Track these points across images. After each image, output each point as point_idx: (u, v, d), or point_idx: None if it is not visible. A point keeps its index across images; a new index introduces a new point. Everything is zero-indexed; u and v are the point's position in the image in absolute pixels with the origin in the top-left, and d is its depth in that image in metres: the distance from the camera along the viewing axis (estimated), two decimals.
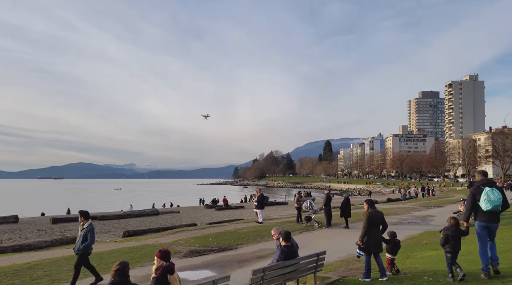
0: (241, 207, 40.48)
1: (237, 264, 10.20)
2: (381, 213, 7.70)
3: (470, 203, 6.86)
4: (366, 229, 7.34)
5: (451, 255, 6.85)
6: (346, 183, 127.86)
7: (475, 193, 6.78)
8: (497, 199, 6.56)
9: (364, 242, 7.35)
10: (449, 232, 6.90)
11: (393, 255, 7.72)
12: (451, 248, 6.84)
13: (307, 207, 18.26)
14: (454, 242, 6.83)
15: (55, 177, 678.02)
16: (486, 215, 6.70)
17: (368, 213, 7.47)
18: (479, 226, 6.85)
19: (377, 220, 7.48)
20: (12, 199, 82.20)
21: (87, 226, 8.30)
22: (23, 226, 24.60)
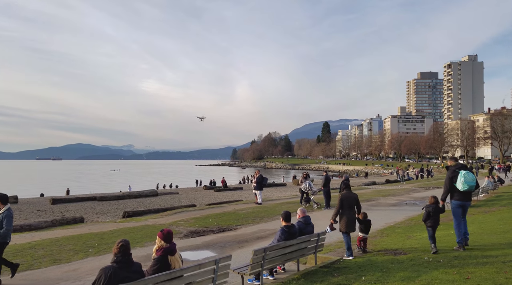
0: (240, 188, 40.65)
1: (237, 244, 10.26)
2: (355, 195, 8.16)
3: (447, 185, 7.77)
4: (338, 209, 7.97)
5: (432, 229, 7.59)
6: (345, 165, 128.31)
7: (452, 176, 7.69)
8: (472, 180, 7.55)
9: (339, 222, 7.96)
10: (430, 209, 7.66)
11: (365, 234, 8.25)
12: (432, 223, 7.60)
13: (306, 188, 18.25)
14: (435, 218, 7.63)
15: (54, 158, 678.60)
16: (462, 194, 7.71)
17: (341, 194, 8.09)
18: (455, 204, 7.83)
19: (351, 201, 8.01)
20: (11, 180, 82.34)
21: (3, 211, 7.18)
22: (23, 206, 24.67)
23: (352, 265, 7.12)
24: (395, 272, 6.38)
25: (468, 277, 5.75)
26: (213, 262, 5.14)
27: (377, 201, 20.58)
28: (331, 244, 9.34)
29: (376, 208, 17.35)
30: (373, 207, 17.67)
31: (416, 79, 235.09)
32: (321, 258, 7.74)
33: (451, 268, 6.33)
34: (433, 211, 7.64)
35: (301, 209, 7.76)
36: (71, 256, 9.06)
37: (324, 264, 7.30)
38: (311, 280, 6.33)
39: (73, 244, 10.35)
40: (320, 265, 7.24)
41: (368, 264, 7.10)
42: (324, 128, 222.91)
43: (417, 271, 6.35)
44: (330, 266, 7.14)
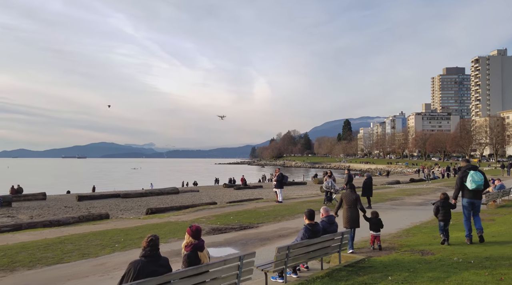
0: (260, 186, 40.73)
1: (259, 242, 10.27)
2: (356, 195, 8.67)
3: (458, 184, 8.45)
4: (337, 207, 8.92)
5: (443, 223, 8.38)
6: (367, 163, 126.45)
7: (462, 176, 8.36)
8: (480, 179, 8.14)
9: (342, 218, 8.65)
10: (439, 203, 8.46)
11: (375, 232, 8.45)
12: (442, 217, 8.38)
13: (328, 186, 18.07)
14: (444, 212, 8.37)
15: (78, 156, 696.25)
16: (471, 193, 8.32)
17: (342, 194, 8.96)
18: (466, 202, 8.44)
19: (350, 200, 8.58)
20: (39, 177, 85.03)
21: None
22: (51, 203, 25.48)
23: (377, 265, 7.02)
24: (423, 273, 6.25)
25: (501, 279, 5.58)
26: (238, 258, 5.17)
27: (402, 200, 20.21)
28: (355, 243, 9.23)
29: (400, 208, 17.04)
30: (398, 207, 17.36)
31: (442, 75, 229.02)
32: (345, 257, 7.67)
33: (483, 269, 6.16)
34: (442, 206, 8.36)
35: (324, 208, 7.71)
36: (98, 251, 9.29)
37: (348, 263, 7.22)
38: (336, 278, 6.28)
39: (100, 239, 10.61)
40: (345, 264, 7.17)
41: (395, 264, 6.98)
42: (345, 126, 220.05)
43: (446, 271, 6.20)
44: (354, 265, 7.06)
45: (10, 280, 7.06)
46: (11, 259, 8.41)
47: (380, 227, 8.48)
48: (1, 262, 8.16)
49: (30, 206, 23.33)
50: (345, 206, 8.61)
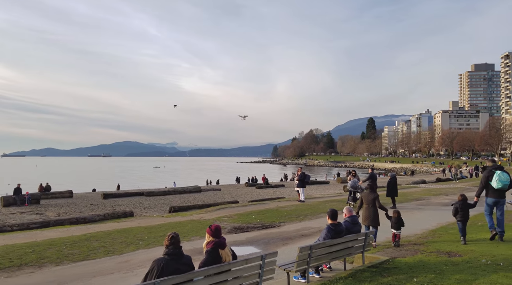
0: (282, 185, 40.61)
1: (281, 241, 10.22)
2: (375, 195, 9.00)
3: (483, 183, 8.66)
4: (358, 206, 9.36)
5: (462, 223, 8.63)
6: (391, 162, 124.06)
7: (488, 175, 8.54)
8: (506, 179, 8.34)
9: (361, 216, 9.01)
10: (458, 205, 8.71)
11: (396, 230, 8.72)
12: (461, 218, 8.63)
13: (354, 186, 17.59)
14: (463, 213, 8.63)
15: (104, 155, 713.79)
16: (496, 192, 8.54)
17: (362, 194, 9.51)
18: (490, 201, 8.68)
19: (369, 199, 8.94)
20: (66, 175, 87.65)
21: None
22: (77, 200, 26.21)
23: (402, 266, 6.86)
24: (449, 275, 6.07)
25: None
26: (260, 257, 5.15)
27: (428, 200, 19.71)
28: (379, 244, 9.05)
29: (426, 208, 16.62)
30: (423, 207, 16.95)
31: (470, 72, 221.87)
32: (369, 257, 7.53)
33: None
34: (461, 207, 8.63)
35: (347, 208, 7.60)
36: (123, 248, 9.47)
37: (372, 264, 7.09)
38: (359, 279, 6.17)
39: (125, 237, 10.82)
40: (368, 265, 7.04)
41: (420, 265, 6.81)
42: (369, 124, 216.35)
43: (474, 274, 6.00)
44: (378, 266, 6.92)
45: (38, 276, 7.28)
46: (39, 255, 8.68)
47: (401, 225, 8.72)
48: (30, 258, 8.44)
49: (58, 204, 24.07)
50: (365, 205, 9.02)
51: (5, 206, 22.77)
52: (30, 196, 24.45)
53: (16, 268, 7.69)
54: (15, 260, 8.21)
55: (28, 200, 23.90)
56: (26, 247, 9.44)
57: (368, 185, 9.39)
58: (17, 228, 13.19)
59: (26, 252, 8.95)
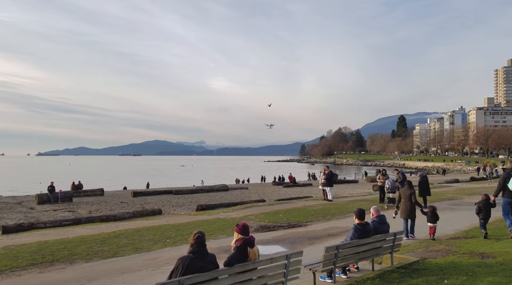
0: (309, 184, 40.27)
1: (307, 241, 10.10)
2: (411, 190, 9.90)
3: (500, 184, 9.17)
4: (397, 201, 10.37)
5: (483, 221, 9.26)
6: (426, 161, 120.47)
7: (505, 177, 9.07)
8: None
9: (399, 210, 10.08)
10: (481, 204, 9.31)
11: (432, 223, 9.47)
12: (483, 216, 9.26)
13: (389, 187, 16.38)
14: (485, 211, 9.24)
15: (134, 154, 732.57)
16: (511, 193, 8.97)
17: (399, 190, 10.39)
18: (505, 201, 9.07)
19: (406, 194, 9.87)
20: (98, 174, 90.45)
21: None
22: (108, 198, 26.96)
23: (433, 267, 6.61)
24: (482, 277, 5.80)
25: None
26: (285, 257, 5.10)
27: (461, 200, 19.00)
28: (409, 244, 8.78)
29: (459, 208, 16.00)
30: (456, 206, 16.33)
31: (506, 67, 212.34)
32: (398, 258, 7.30)
33: None
34: (484, 206, 9.23)
35: (375, 207, 7.39)
36: (151, 246, 9.62)
37: (401, 265, 6.86)
38: (387, 280, 5.99)
39: (153, 235, 11.00)
40: (397, 266, 6.83)
41: (451, 267, 6.54)
42: (400, 122, 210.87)
43: (508, 276, 5.71)
44: (408, 267, 6.70)
45: (69, 272, 7.50)
46: (70, 251, 8.96)
47: (436, 219, 9.47)
48: (62, 254, 8.71)
49: (89, 201, 24.84)
50: (403, 199, 9.96)
51: (40, 204, 23.69)
52: (63, 194, 25.33)
53: (48, 264, 7.96)
54: (47, 256, 8.50)
55: (61, 198, 24.77)
56: (58, 244, 9.76)
57: (406, 182, 10.71)
58: (50, 225, 13.69)
59: (58, 248, 9.25)
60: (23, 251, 8.97)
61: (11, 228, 12.84)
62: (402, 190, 10.17)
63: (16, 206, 22.59)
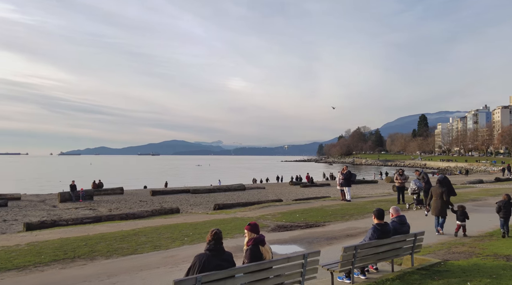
0: (327, 184, 39.92)
1: (325, 241, 10.00)
2: (442, 189, 10.40)
3: None
4: (428, 199, 10.88)
5: (503, 220, 9.53)
6: (449, 161, 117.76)
7: None
8: None
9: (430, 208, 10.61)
10: (501, 203, 9.65)
11: (461, 222, 9.87)
12: (503, 215, 9.55)
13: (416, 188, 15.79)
14: (505, 211, 9.54)
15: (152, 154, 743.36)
16: None
17: (431, 188, 10.96)
18: None
19: (437, 192, 10.41)
20: (117, 173, 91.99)
21: None
22: (128, 197, 27.39)
23: (455, 269, 6.43)
24: (507, 279, 5.63)
25: None
26: (302, 256, 5.06)
27: (485, 201, 18.48)
28: (430, 245, 8.58)
29: (483, 209, 15.55)
30: (480, 207, 15.88)
31: None
32: (419, 259, 7.14)
33: None
34: (503, 205, 9.56)
35: (394, 207, 7.24)
36: (169, 244, 9.71)
37: (422, 266, 6.71)
38: (407, 282, 5.87)
39: (171, 233, 11.10)
40: (418, 267, 6.68)
41: (475, 269, 6.36)
42: (421, 121, 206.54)
43: None
44: (429, 269, 6.54)
45: (90, 268, 7.64)
46: (91, 248, 9.13)
47: (465, 217, 9.83)
48: (83, 251, 8.89)
49: (109, 200, 25.27)
50: (434, 197, 10.44)
51: (62, 202, 24.25)
52: (84, 192, 25.85)
53: (70, 260, 8.13)
54: (69, 253, 8.68)
55: (82, 196, 25.29)
56: (79, 241, 9.96)
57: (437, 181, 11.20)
58: (72, 223, 13.99)
59: (79, 245, 9.45)
60: (46, 248, 9.19)
61: (34, 225, 13.20)
62: (433, 188, 10.64)
63: (40, 204, 23.20)
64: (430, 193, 10.74)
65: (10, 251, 8.89)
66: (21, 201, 24.61)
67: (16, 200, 24.74)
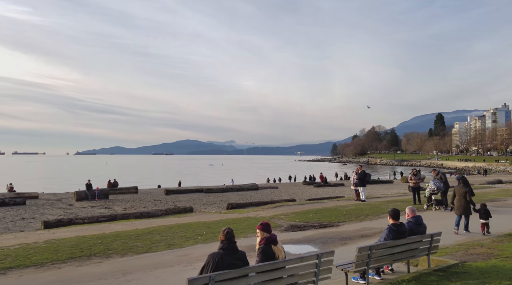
0: (341, 184, 39.62)
1: (339, 241, 9.91)
2: (466, 188, 10.44)
3: None
4: (452, 197, 10.85)
5: None
6: (464, 161, 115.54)
7: None
8: None
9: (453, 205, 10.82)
10: None
11: (484, 220, 10.02)
12: None
13: (435, 188, 15.46)
14: None
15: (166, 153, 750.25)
16: None
17: (455, 187, 10.87)
18: None
19: (461, 192, 10.48)
20: (132, 172, 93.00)
21: None
22: (142, 196, 27.68)
23: (473, 271, 6.29)
24: None
25: None
26: (315, 256, 5.02)
27: (504, 201, 18.09)
28: (447, 247, 8.42)
29: (502, 210, 15.20)
30: (499, 208, 15.52)
31: None
32: (435, 260, 7.01)
33: None
34: None
35: (410, 207, 7.11)
36: (182, 242, 9.77)
37: (439, 268, 6.58)
38: (424, 283, 5.77)
39: (184, 231, 11.16)
40: (434, 268, 6.56)
41: (494, 271, 6.21)
42: (437, 120, 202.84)
43: None
44: (446, 270, 6.41)
45: (105, 266, 7.73)
46: (107, 246, 9.24)
47: (488, 215, 10.00)
48: (99, 249, 9.00)
49: (124, 199, 25.58)
50: (457, 197, 10.57)
51: (78, 201, 24.65)
52: (100, 191, 26.24)
53: (86, 258, 8.24)
54: (85, 250, 8.81)
55: (98, 195, 25.67)
56: (95, 239, 10.10)
57: (461, 180, 11.02)
58: (88, 221, 14.20)
59: (95, 243, 9.57)
60: (63, 245, 9.34)
61: (51, 223, 13.44)
62: (457, 187, 10.69)
63: (57, 203, 23.64)
64: (454, 193, 10.77)
65: (29, 249, 9.06)
66: (39, 199, 25.12)
67: (34, 198, 25.27)
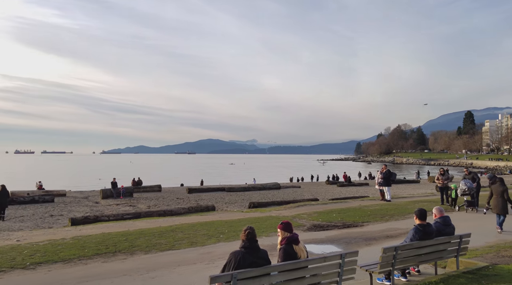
0: (365, 184, 39.00)
1: (363, 241, 9.73)
2: (504, 187, 10.49)
3: None
4: (489, 197, 10.89)
5: None
6: (495, 160, 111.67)
7: None
8: None
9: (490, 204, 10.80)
10: None
11: None
12: None
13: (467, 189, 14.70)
14: None
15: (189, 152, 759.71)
16: None
17: (492, 186, 10.91)
18: None
19: (498, 191, 10.50)
20: (156, 171, 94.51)
21: None
22: (165, 194, 28.09)
23: (505, 273, 6.04)
24: None
25: None
26: (339, 256, 4.94)
27: None
28: (477, 248, 8.12)
29: None
30: None
31: None
32: (465, 263, 6.77)
33: None
34: None
35: (438, 208, 6.88)
36: (205, 240, 9.82)
37: (468, 270, 6.35)
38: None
39: (207, 230, 11.22)
40: (463, 271, 6.33)
41: None
42: (467, 118, 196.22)
43: None
44: (475, 273, 6.18)
45: (130, 262, 7.86)
46: (131, 243, 9.40)
47: None
48: (123, 245, 9.17)
49: (148, 197, 26.04)
50: (494, 195, 10.59)
51: (104, 198, 25.26)
52: (124, 189, 26.80)
53: (111, 254, 8.41)
54: (110, 247, 8.98)
55: (123, 193, 26.23)
56: (120, 236, 10.29)
57: (498, 179, 10.93)
58: (113, 218, 14.51)
59: (120, 240, 9.75)
60: (89, 242, 9.56)
61: (78, 220, 13.80)
62: (494, 186, 10.74)
63: (83, 200, 24.30)
64: (490, 192, 10.77)
65: (57, 245, 9.32)
66: (66, 197, 25.90)
67: (62, 196, 26.06)
